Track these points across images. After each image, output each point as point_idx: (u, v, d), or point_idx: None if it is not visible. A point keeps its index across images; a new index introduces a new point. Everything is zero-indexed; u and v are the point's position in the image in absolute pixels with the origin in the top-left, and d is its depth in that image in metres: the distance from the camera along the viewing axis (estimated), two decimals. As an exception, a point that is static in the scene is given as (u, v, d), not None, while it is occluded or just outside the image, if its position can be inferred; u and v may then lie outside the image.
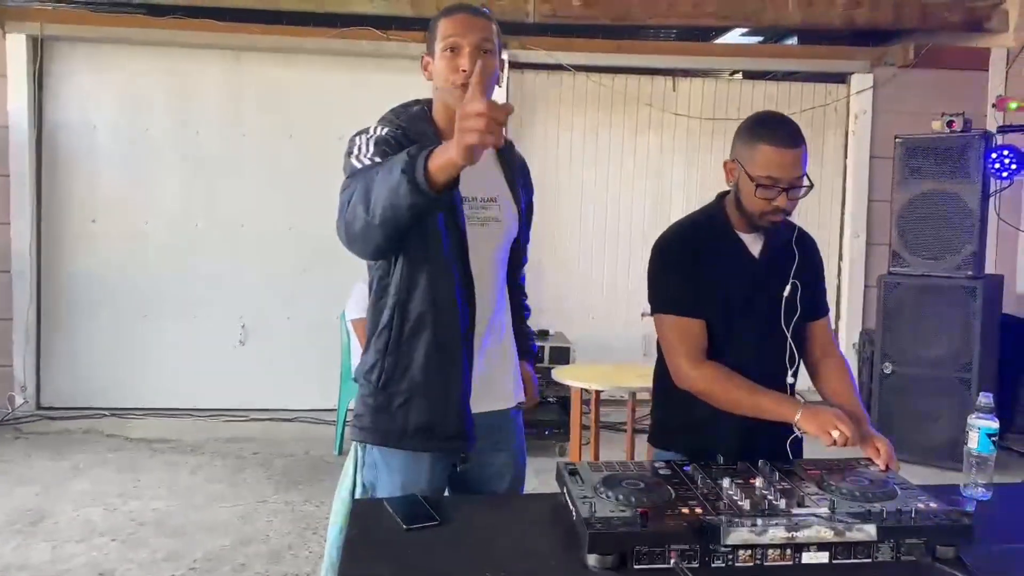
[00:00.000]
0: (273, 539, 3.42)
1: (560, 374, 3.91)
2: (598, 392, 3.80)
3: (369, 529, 1.63)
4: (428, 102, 1.90)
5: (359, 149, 1.76)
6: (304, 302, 5.49)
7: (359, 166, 1.72)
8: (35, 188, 5.30)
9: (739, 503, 1.58)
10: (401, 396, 1.83)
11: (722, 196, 2.02)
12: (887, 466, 1.79)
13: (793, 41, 6.37)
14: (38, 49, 5.23)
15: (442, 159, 1.45)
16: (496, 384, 1.94)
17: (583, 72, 5.60)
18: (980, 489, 1.83)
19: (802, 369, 2.07)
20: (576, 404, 3.93)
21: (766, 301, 1.98)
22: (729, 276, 1.96)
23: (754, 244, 1.99)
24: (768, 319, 1.97)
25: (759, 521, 1.48)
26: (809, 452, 2.03)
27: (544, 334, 4.96)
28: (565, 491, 1.66)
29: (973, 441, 1.83)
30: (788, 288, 1.97)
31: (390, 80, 5.36)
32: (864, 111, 5.73)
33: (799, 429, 1.85)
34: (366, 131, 1.81)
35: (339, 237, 1.67)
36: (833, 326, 5.89)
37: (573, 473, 1.73)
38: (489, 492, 1.96)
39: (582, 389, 3.80)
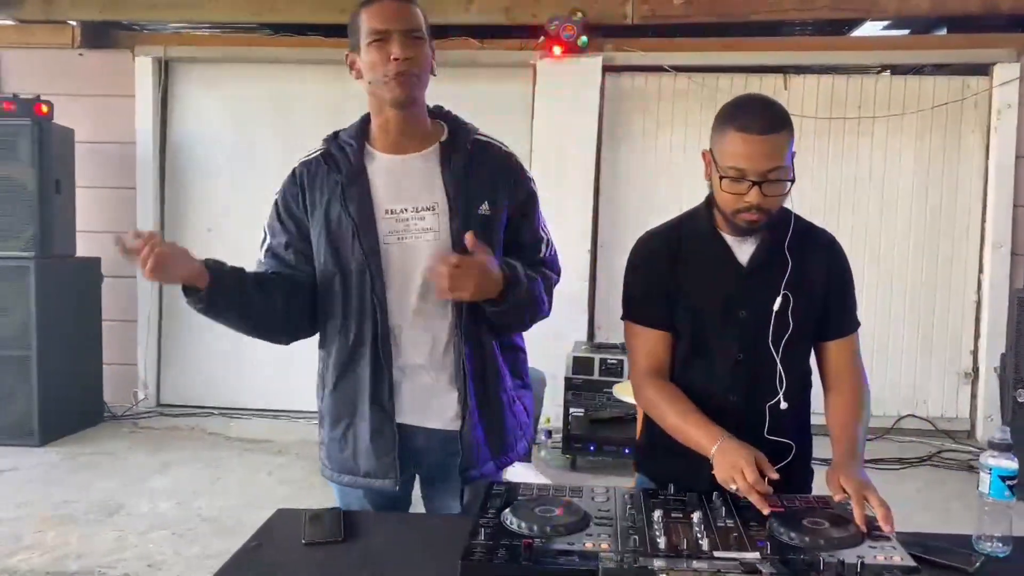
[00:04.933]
0: (320, 544, 3.43)
1: (622, 390, 3.69)
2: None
3: (269, 540, 1.57)
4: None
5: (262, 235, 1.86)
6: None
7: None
8: (159, 200, 5.69)
9: (656, 539, 1.37)
10: (330, 437, 1.86)
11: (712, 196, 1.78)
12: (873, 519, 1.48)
13: (943, 32, 5.77)
14: (162, 70, 5.61)
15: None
16: (436, 402, 1.78)
17: (684, 73, 5.32)
18: (996, 543, 1.49)
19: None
20: (640, 420, 3.69)
21: (751, 315, 1.70)
22: (708, 284, 1.72)
23: (743, 249, 1.72)
24: (754, 335, 1.70)
25: (653, 562, 1.27)
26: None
27: (600, 347, 4.75)
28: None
29: (984, 484, 1.50)
30: (779, 301, 1.69)
31: (483, 89, 5.36)
32: (1009, 105, 5.08)
33: None
34: (292, 168, 1.84)
35: None
36: (972, 347, 5.30)
37: (496, 495, 1.59)
38: (437, 506, 1.87)
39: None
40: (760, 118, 1.58)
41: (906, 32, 5.78)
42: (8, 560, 3.22)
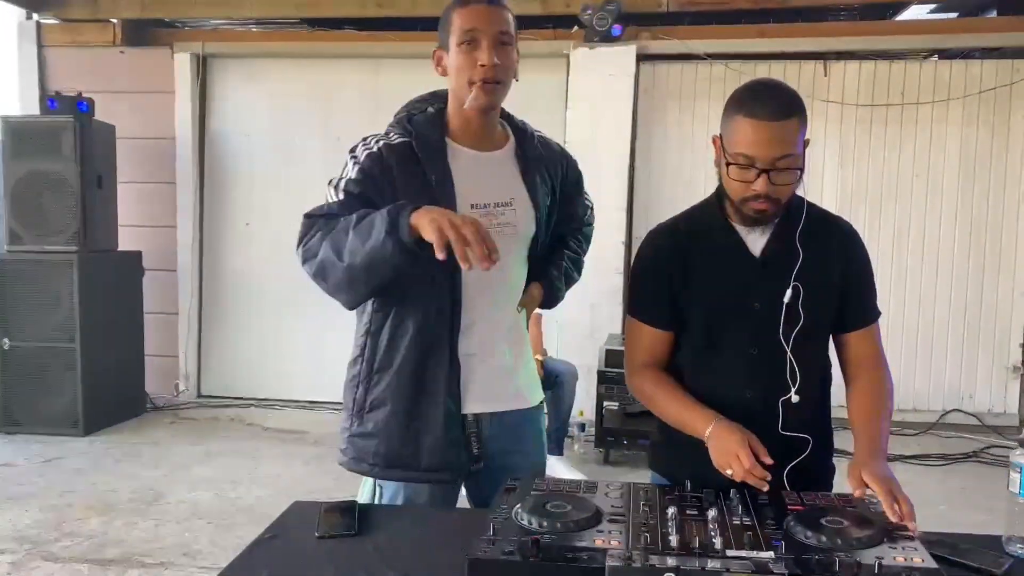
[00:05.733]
0: (352, 535, 3.46)
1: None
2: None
3: (284, 532, 1.57)
4: (445, 98, 1.80)
5: (334, 184, 1.72)
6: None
7: (324, 208, 1.70)
8: (198, 194, 5.78)
9: (668, 536, 1.35)
10: (374, 426, 1.76)
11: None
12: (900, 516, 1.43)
13: (994, 15, 5.57)
14: (200, 66, 5.69)
15: (418, 222, 1.49)
16: (506, 387, 1.83)
17: (720, 61, 5.23)
18: (1026, 545, 1.44)
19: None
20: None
21: (765, 308, 1.66)
22: (720, 278, 1.68)
23: (755, 241, 1.68)
24: (768, 329, 1.66)
25: (663, 560, 1.24)
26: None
27: None
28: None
29: (1015, 484, 1.45)
30: (789, 293, 1.64)
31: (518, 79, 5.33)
32: (1060, 89, 4.91)
33: None
34: (364, 143, 1.75)
35: (312, 279, 1.67)
36: (1021, 339, 5.13)
37: (510, 490, 1.57)
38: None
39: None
40: (770, 104, 1.54)
41: (954, 15, 5.61)
42: (51, 547, 3.30)
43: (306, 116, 5.71)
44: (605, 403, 4.54)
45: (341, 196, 1.69)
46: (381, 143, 1.73)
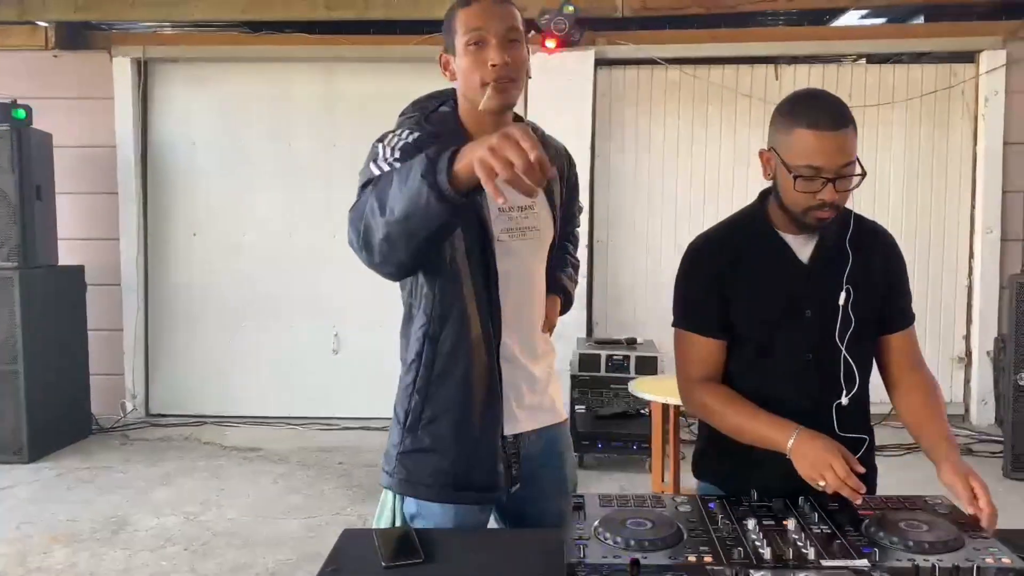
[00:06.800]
0: (338, 554, 3.35)
1: (640, 387, 3.66)
2: (677, 407, 3.53)
3: (346, 563, 1.49)
4: (454, 95, 1.71)
5: (381, 154, 1.58)
6: (396, 311, 5.42)
7: (377, 172, 1.52)
8: (141, 204, 5.54)
9: (759, 550, 1.34)
10: (431, 440, 1.65)
11: (765, 194, 1.75)
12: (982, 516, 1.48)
13: (921, 21, 5.82)
14: (141, 71, 5.46)
15: (464, 161, 1.27)
16: (539, 402, 1.78)
17: (675, 65, 5.31)
18: (1085, 538, 1.48)
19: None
20: (657, 420, 3.67)
21: (817, 313, 1.68)
22: (770, 286, 1.70)
23: (803, 247, 1.70)
24: (821, 334, 1.68)
25: (773, 574, 1.24)
26: (886, 487, 1.75)
27: (632, 342, 4.71)
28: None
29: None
30: (842, 295, 1.67)
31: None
32: (996, 92, 5.15)
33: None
34: (394, 132, 1.64)
35: (356, 253, 1.48)
36: (964, 331, 5.37)
37: (578, 508, 1.54)
38: (538, 511, 1.78)
39: (663, 404, 3.55)
40: (830, 114, 1.56)
41: (882, 21, 5.82)
42: (15, 584, 3.11)
43: (255, 121, 5.53)
44: (577, 407, 4.55)
45: (397, 155, 1.52)
46: (415, 134, 1.60)
